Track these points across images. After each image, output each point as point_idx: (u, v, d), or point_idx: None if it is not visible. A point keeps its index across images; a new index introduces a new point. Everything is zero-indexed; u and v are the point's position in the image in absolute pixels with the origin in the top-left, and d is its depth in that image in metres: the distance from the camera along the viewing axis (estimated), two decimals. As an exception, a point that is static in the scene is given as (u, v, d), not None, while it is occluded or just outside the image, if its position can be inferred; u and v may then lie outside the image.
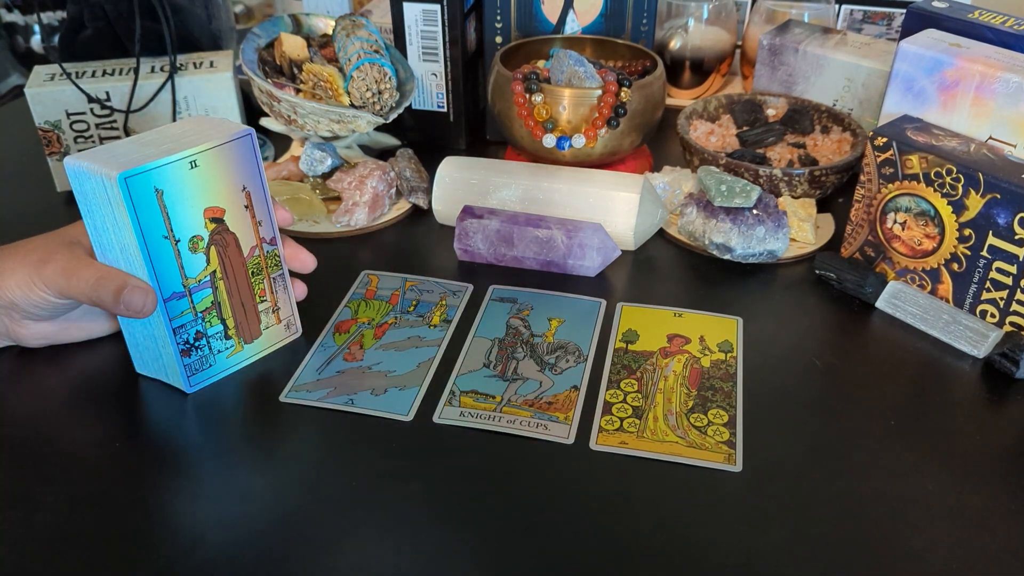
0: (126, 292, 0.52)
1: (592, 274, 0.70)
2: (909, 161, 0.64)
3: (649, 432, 0.55)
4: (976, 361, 0.61)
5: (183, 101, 0.81)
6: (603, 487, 0.51)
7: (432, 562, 0.47)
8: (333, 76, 0.77)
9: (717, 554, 0.47)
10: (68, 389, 0.59)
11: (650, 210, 0.72)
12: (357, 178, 0.76)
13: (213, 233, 0.55)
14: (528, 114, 0.76)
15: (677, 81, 1.02)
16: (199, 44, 0.87)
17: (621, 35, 0.87)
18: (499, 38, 0.88)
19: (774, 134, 0.81)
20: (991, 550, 0.47)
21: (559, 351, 0.62)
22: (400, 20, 0.85)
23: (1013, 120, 0.66)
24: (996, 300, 0.63)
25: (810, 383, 0.59)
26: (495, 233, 0.70)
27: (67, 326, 0.60)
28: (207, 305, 0.57)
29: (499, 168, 0.75)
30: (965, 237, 0.63)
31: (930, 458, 0.53)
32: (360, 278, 0.70)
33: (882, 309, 0.66)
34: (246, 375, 0.60)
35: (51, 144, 0.80)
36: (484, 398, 0.57)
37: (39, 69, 0.81)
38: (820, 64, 0.86)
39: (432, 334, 0.63)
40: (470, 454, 0.53)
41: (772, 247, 0.70)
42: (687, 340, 0.63)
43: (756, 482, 0.51)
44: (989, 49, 0.68)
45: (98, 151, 0.52)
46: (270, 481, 0.52)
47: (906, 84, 0.70)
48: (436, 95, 0.88)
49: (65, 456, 0.52)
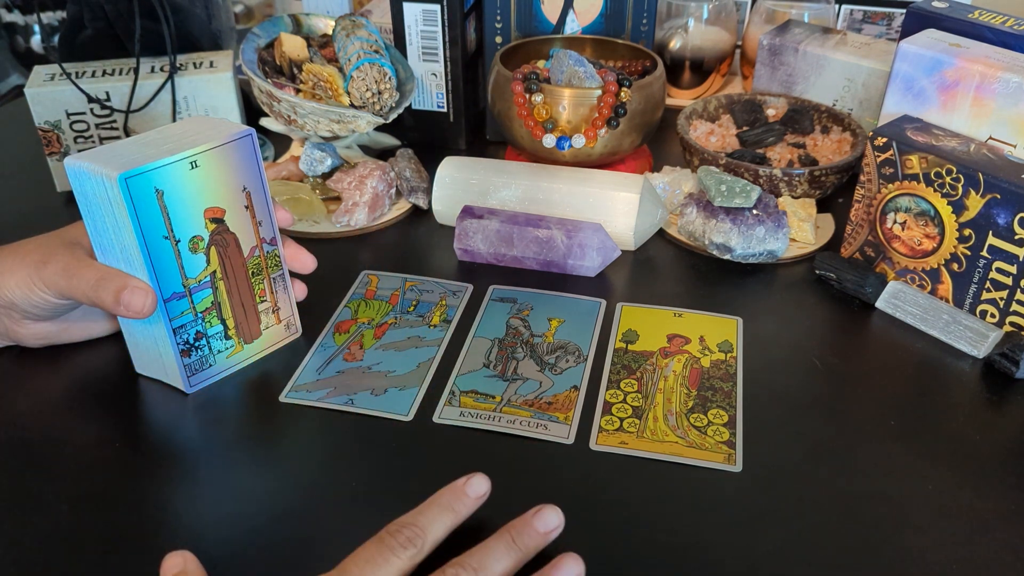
0: (126, 293, 0.52)
1: (592, 274, 0.70)
2: (909, 161, 0.64)
3: (649, 432, 0.55)
4: (976, 361, 0.61)
5: (183, 101, 0.81)
6: (603, 487, 0.51)
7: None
8: (333, 76, 0.77)
9: (717, 554, 0.47)
10: (68, 389, 0.59)
11: (650, 210, 0.72)
12: (357, 178, 0.76)
13: (213, 233, 0.55)
14: (528, 114, 0.76)
15: (677, 81, 1.02)
16: (199, 44, 0.86)
17: (621, 35, 0.87)
18: (499, 38, 0.88)
19: (774, 134, 0.81)
20: (991, 550, 0.47)
21: (559, 351, 0.62)
22: (400, 20, 0.85)
23: (1013, 120, 0.66)
24: (996, 300, 0.63)
25: (810, 383, 0.59)
26: (495, 233, 0.70)
27: (67, 326, 0.60)
28: (207, 305, 0.57)
29: (499, 168, 0.75)
30: (965, 237, 0.63)
31: (930, 458, 0.53)
32: (360, 278, 0.70)
33: (882, 309, 0.66)
34: (246, 375, 0.60)
35: (51, 144, 0.80)
36: (484, 398, 0.57)
37: (39, 69, 0.81)
38: (820, 64, 0.86)
39: (432, 334, 0.63)
40: (470, 454, 0.53)
41: (772, 247, 0.70)
42: (687, 340, 0.63)
43: (756, 482, 0.51)
44: (989, 49, 0.68)
45: (98, 151, 0.52)
46: (270, 481, 0.52)
47: (906, 84, 0.70)
48: (436, 95, 0.88)
49: (65, 456, 0.52)
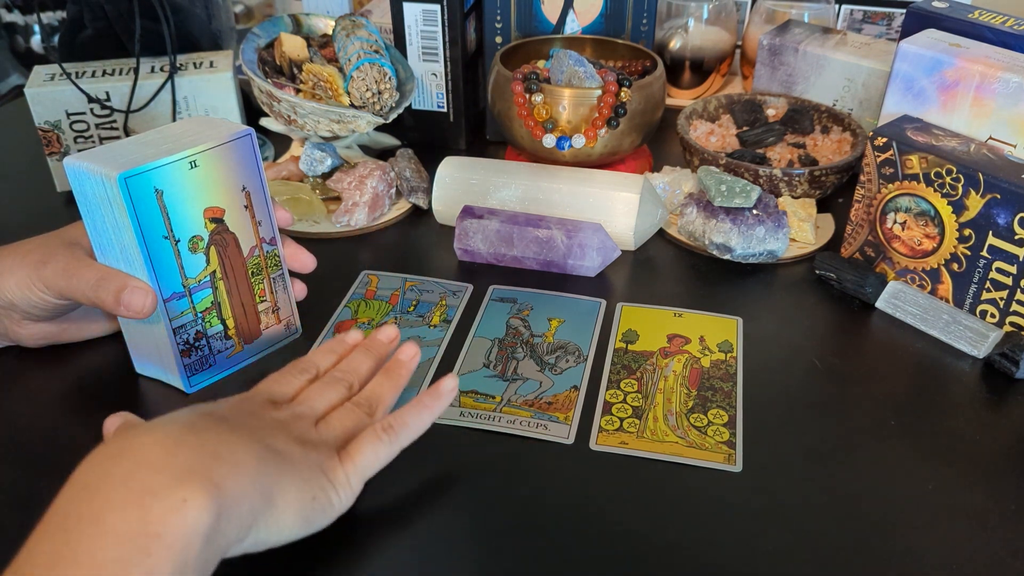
0: (126, 293, 0.52)
1: (592, 274, 0.70)
2: (909, 161, 0.64)
3: (649, 432, 0.55)
4: (976, 361, 0.61)
5: (183, 101, 0.81)
6: (603, 487, 0.51)
7: (432, 562, 0.47)
8: (333, 76, 0.77)
9: (717, 554, 0.47)
10: (68, 389, 0.59)
11: (650, 210, 0.72)
12: (357, 178, 0.76)
13: (213, 233, 0.55)
14: (528, 114, 0.76)
15: (677, 81, 1.02)
16: (199, 44, 0.86)
17: (621, 35, 0.87)
18: (499, 38, 0.88)
19: (774, 134, 0.81)
20: (991, 550, 0.47)
21: (559, 351, 0.62)
22: (400, 20, 0.85)
23: (1013, 120, 0.66)
24: (996, 300, 0.63)
25: (810, 383, 0.59)
26: (495, 233, 0.70)
27: (67, 326, 0.60)
28: (207, 305, 0.57)
29: (499, 168, 0.75)
30: (965, 237, 0.63)
31: (930, 458, 0.53)
32: (360, 278, 0.70)
33: (882, 309, 0.66)
34: (246, 375, 0.60)
35: (51, 144, 0.80)
36: (484, 398, 0.57)
37: (39, 69, 0.81)
38: (820, 64, 0.86)
39: (432, 334, 0.63)
40: (470, 454, 0.53)
41: (772, 247, 0.70)
42: (687, 340, 0.63)
43: (756, 482, 0.51)
44: (989, 49, 0.68)
45: (98, 151, 0.51)
46: (270, 481, 0.52)
47: (906, 84, 0.70)
48: (436, 95, 0.88)
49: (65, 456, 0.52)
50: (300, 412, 0.48)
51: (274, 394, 0.50)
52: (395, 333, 0.57)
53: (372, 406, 0.51)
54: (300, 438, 0.46)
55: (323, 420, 0.49)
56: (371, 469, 0.47)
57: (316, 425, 0.48)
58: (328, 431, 0.48)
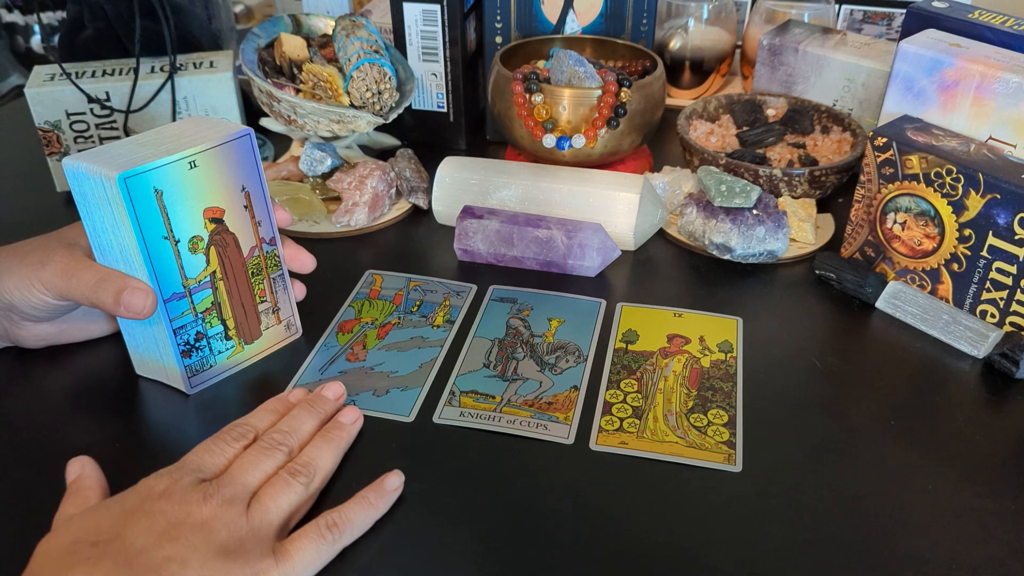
0: (126, 294, 0.52)
1: (592, 274, 0.70)
2: (909, 161, 0.64)
3: (649, 432, 0.55)
4: (976, 361, 0.61)
5: (183, 101, 0.81)
6: (603, 487, 0.51)
7: (432, 562, 0.47)
8: (333, 76, 0.77)
9: (717, 554, 0.47)
10: (68, 390, 0.59)
11: (650, 210, 0.72)
12: (357, 178, 0.76)
13: (213, 233, 0.55)
14: (528, 114, 0.76)
15: (677, 81, 1.02)
16: (199, 44, 0.87)
17: (621, 35, 0.87)
18: (499, 38, 0.88)
19: (774, 134, 0.81)
20: (991, 550, 0.47)
21: (559, 351, 0.62)
22: (400, 20, 0.85)
23: (1013, 120, 0.66)
24: (996, 300, 0.63)
25: (810, 383, 0.59)
26: (495, 233, 0.70)
27: (66, 327, 0.60)
28: (207, 306, 0.57)
29: (499, 168, 0.75)
30: (965, 237, 0.63)
31: (930, 458, 0.53)
32: (364, 277, 0.70)
33: (882, 309, 0.66)
34: (247, 376, 0.60)
35: (51, 144, 0.80)
36: (484, 398, 0.57)
37: (39, 69, 0.81)
38: (820, 64, 0.86)
39: (435, 335, 0.63)
40: (470, 454, 0.53)
41: (772, 247, 0.70)
42: (687, 340, 0.63)
43: (756, 482, 0.51)
44: (989, 49, 0.68)
45: (97, 151, 0.51)
46: (270, 481, 0.52)
47: (906, 84, 0.70)
48: (436, 95, 0.88)
49: (65, 457, 0.52)
50: (230, 496, 0.45)
51: (204, 467, 0.47)
52: (341, 391, 0.56)
53: (310, 474, 0.48)
54: (223, 548, 0.43)
55: (256, 500, 0.46)
56: (309, 572, 0.44)
57: (248, 509, 0.45)
58: (262, 516, 0.45)
